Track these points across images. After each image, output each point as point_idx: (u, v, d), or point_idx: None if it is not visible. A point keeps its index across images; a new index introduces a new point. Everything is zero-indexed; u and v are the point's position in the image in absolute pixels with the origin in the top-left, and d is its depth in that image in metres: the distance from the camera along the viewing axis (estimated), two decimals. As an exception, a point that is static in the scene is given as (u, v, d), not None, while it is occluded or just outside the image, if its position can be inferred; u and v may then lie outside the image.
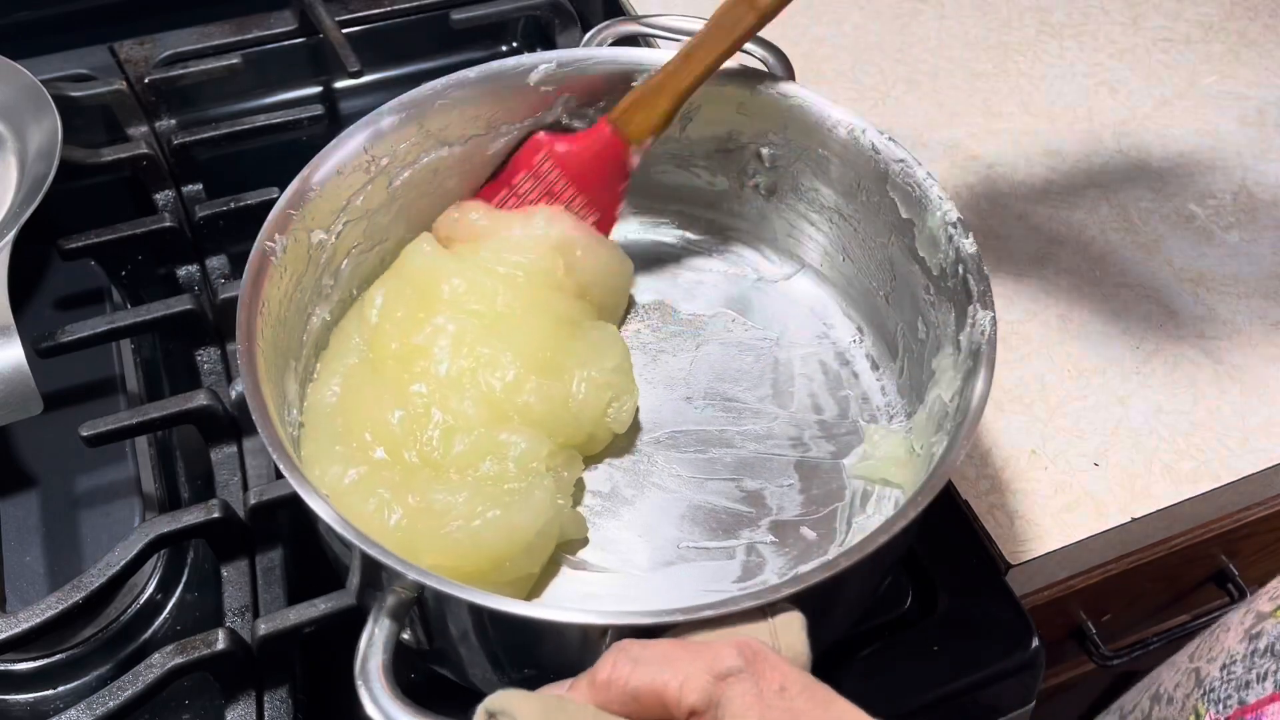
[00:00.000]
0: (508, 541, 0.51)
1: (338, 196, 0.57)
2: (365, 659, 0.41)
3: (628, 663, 0.37)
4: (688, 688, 0.36)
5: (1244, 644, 0.52)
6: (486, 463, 0.53)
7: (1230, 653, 0.53)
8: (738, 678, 0.36)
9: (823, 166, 0.62)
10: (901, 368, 0.61)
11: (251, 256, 0.52)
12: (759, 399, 0.62)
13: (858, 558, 0.43)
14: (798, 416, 0.61)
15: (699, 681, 0.36)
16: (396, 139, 0.59)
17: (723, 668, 0.37)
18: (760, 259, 0.69)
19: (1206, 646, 0.57)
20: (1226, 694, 0.52)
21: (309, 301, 0.57)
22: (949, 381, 0.53)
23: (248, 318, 0.50)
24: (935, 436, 0.54)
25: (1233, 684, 0.52)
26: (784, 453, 0.60)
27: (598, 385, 0.57)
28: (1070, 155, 0.79)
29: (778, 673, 0.37)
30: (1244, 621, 0.54)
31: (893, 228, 0.59)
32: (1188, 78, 0.85)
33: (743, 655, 0.37)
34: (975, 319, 0.52)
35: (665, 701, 0.37)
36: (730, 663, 0.37)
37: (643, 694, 0.37)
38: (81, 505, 0.60)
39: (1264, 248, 0.74)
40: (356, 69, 0.74)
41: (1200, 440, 0.64)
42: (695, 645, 0.38)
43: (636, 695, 0.37)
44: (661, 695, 0.37)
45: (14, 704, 0.53)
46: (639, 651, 0.38)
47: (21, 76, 0.68)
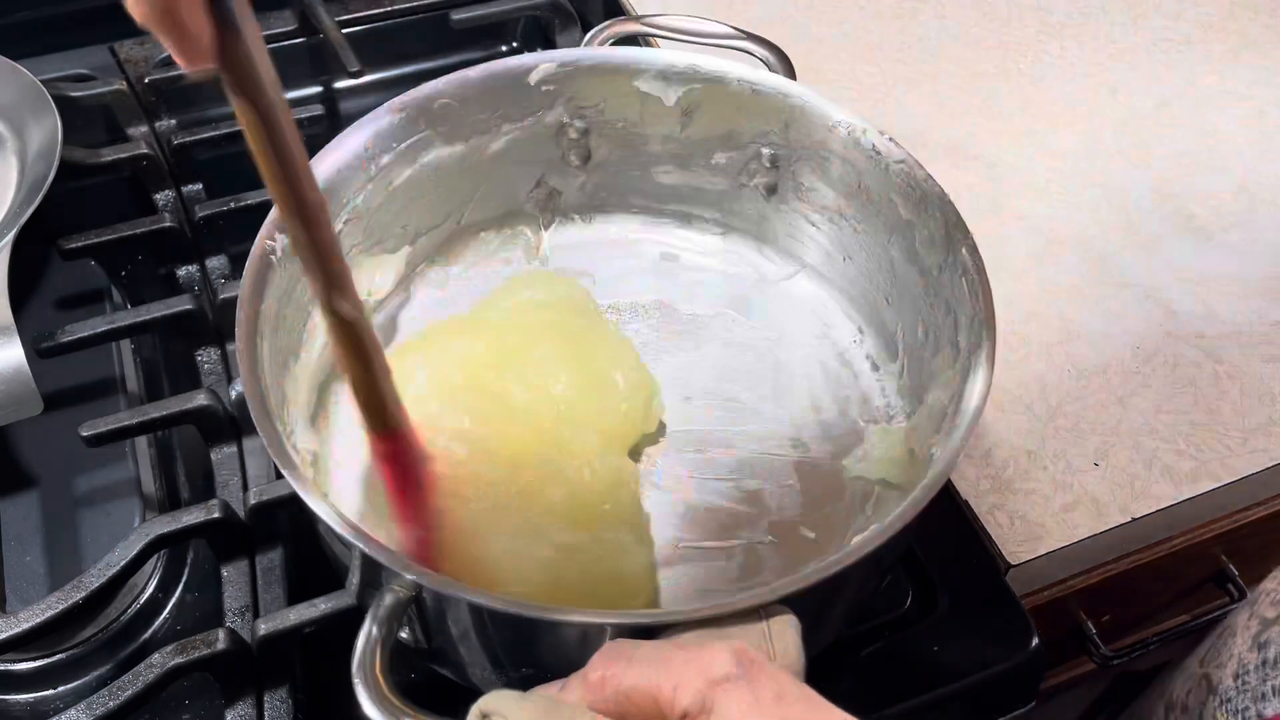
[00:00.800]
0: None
1: (338, 195, 0.57)
2: (362, 658, 0.41)
3: (621, 663, 0.37)
4: (681, 690, 0.36)
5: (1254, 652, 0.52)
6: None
7: (1241, 660, 0.53)
8: (733, 683, 0.36)
9: (824, 167, 0.62)
10: (902, 368, 0.61)
11: (252, 255, 0.52)
12: (759, 399, 0.62)
13: (855, 558, 0.43)
14: (798, 417, 0.61)
15: (693, 684, 0.36)
16: (397, 138, 0.59)
17: (718, 673, 0.36)
18: (761, 259, 0.68)
19: (1215, 651, 0.57)
20: (1244, 704, 0.52)
21: (310, 301, 0.57)
22: (948, 382, 0.53)
23: (248, 316, 0.50)
24: (935, 437, 0.54)
25: (1248, 694, 0.52)
26: (784, 453, 0.60)
27: (633, 384, 0.58)
28: (1070, 155, 0.79)
29: (774, 682, 0.36)
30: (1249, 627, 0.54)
31: (893, 228, 0.59)
32: (1188, 78, 0.85)
33: (739, 661, 0.36)
34: (975, 320, 0.52)
35: (658, 702, 0.36)
36: (726, 668, 0.36)
37: (635, 694, 0.37)
38: (81, 505, 0.60)
39: (1264, 248, 0.74)
40: (356, 69, 0.74)
41: (1200, 440, 0.64)
42: (690, 647, 0.38)
43: (629, 695, 0.37)
44: (654, 696, 0.36)
45: (14, 704, 0.53)
46: (632, 651, 0.38)
47: (21, 76, 0.68)
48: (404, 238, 0.63)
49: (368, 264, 0.61)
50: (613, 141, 0.66)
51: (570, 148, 0.66)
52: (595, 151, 0.66)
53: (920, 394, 0.58)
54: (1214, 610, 0.76)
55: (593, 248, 0.68)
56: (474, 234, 0.67)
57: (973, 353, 0.51)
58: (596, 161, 0.67)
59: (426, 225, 0.64)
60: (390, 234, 0.62)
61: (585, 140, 0.65)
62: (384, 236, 0.61)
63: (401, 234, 0.63)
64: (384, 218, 0.61)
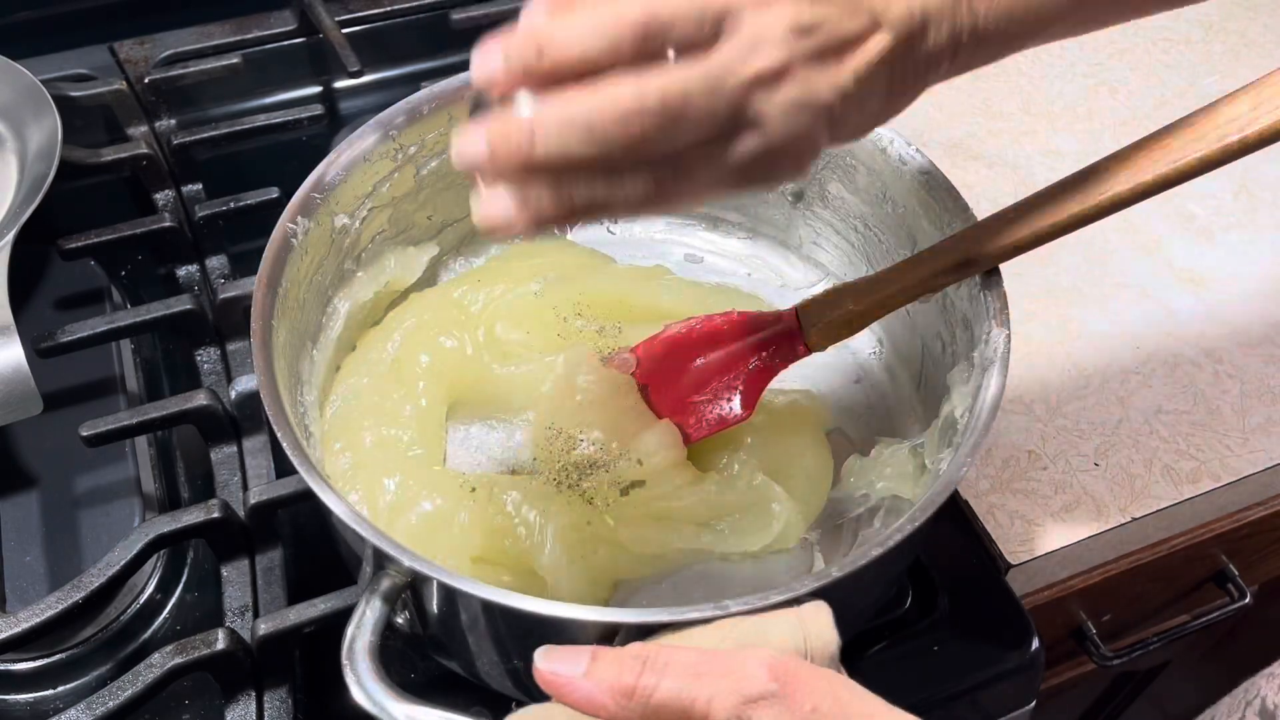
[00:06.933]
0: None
1: (363, 182, 0.57)
2: (353, 640, 0.41)
3: (653, 673, 0.36)
4: (715, 707, 0.35)
5: None
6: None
7: None
8: (768, 702, 0.34)
9: (850, 175, 0.62)
10: (919, 381, 0.61)
11: (273, 237, 0.52)
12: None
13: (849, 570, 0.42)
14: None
15: (728, 701, 0.35)
16: (425, 128, 0.59)
17: (754, 690, 0.35)
18: (785, 265, 0.68)
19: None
20: None
21: (330, 285, 0.57)
22: (961, 397, 0.53)
23: (264, 296, 0.50)
24: (945, 452, 0.53)
25: None
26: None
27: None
28: (1070, 155, 0.79)
29: (810, 694, 0.35)
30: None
31: (916, 239, 0.59)
32: (1188, 78, 0.85)
33: (775, 677, 0.35)
34: (990, 335, 0.51)
35: (690, 718, 0.35)
36: (762, 686, 0.35)
37: (667, 708, 0.35)
38: (81, 505, 0.60)
39: (1264, 248, 0.74)
40: (356, 69, 0.73)
41: (1200, 440, 0.64)
42: (725, 658, 0.36)
43: (660, 709, 0.35)
44: (687, 711, 0.35)
45: (14, 704, 0.53)
46: (667, 658, 0.36)
47: (21, 76, 0.67)
48: (430, 229, 0.63)
49: (395, 255, 0.61)
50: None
51: (599, 145, 0.65)
52: (624, 149, 0.66)
53: (935, 408, 0.57)
54: (1214, 610, 0.76)
55: (618, 247, 0.68)
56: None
57: (984, 369, 0.50)
58: (625, 159, 0.66)
59: (454, 216, 0.64)
60: (417, 224, 0.62)
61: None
62: (409, 225, 0.61)
63: (428, 225, 0.63)
64: (410, 206, 0.61)
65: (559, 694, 0.37)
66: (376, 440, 0.55)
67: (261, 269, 0.51)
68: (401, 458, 0.54)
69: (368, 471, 0.53)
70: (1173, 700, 1.01)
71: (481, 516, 0.52)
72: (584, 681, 0.36)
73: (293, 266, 0.53)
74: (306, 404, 0.54)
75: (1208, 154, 0.44)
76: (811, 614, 0.40)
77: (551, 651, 0.37)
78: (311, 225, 0.54)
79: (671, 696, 0.35)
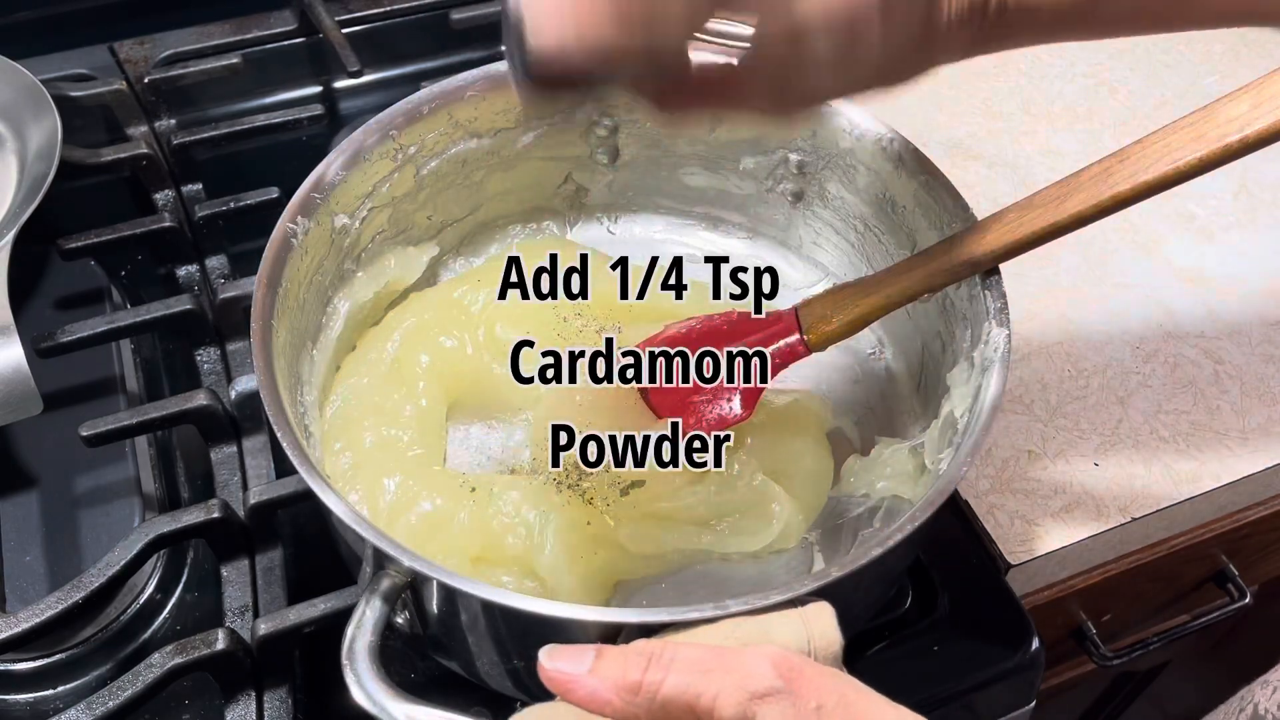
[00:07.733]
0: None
1: (363, 182, 0.57)
2: (353, 640, 0.41)
3: (659, 669, 0.36)
4: (721, 702, 0.35)
5: None
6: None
7: None
8: (775, 698, 0.35)
9: (850, 175, 0.62)
10: (919, 382, 0.61)
11: (273, 237, 0.52)
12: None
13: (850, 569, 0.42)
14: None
15: (734, 697, 0.35)
16: (425, 128, 0.59)
17: (760, 686, 0.35)
18: (785, 266, 0.68)
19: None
20: None
21: (330, 285, 0.57)
22: (961, 397, 0.53)
23: (264, 296, 0.50)
24: (945, 452, 0.53)
25: None
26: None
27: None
28: (1070, 155, 0.79)
29: (816, 691, 0.35)
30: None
31: (916, 239, 0.59)
32: (1188, 78, 0.85)
33: (781, 673, 0.35)
34: (990, 336, 0.51)
35: (695, 712, 0.35)
36: (768, 680, 0.35)
37: (673, 703, 0.35)
38: (81, 505, 0.60)
39: (1264, 248, 0.74)
40: (356, 69, 0.74)
41: (1200, 440, 0.64)
42: (731, 654, 0.36)
43: (666, 703, 0.35)
44: (693, 707, 0.35)
45: (14, 704, 0.53)
46: (673, 654, 0.36)
47: (21, 76, 0.68)
48: (430, 229, 0.63)
49: (395, 255, 0.61)
50: (641, 141, 0.65)
51: (598, 145, 0.66)
52: (623, 150, 0.66)
53: (935, 409, 0.57)
54: (1214, 610, 0.76)
55: (618, 246, 0.68)
56: (500, 228, 0.68)
57: (984, 369, 0.50)
58: (624, 160, 0.67)
59: (454, 216, 0.64)
60: (417, 224, 0.62)
61: (614, 138, 0.65)
62: (409, 225, 0.61)
63: (428, 225, 0.63)
64: (410, 206, 0.61)
65: (564, 692, 0.37)
66: (376, 440, 0.55)
67: (261, 269, 0.51)
68: (401, 458, 0.54)
69: (368, 471, 0.53)
70: (1173, 700, 1.01)
71: (481, 516, 0.52)
72: (589, 679, 0.36)
73: (293, 266, 0.53)
74: (306, 404, 0.54)
75: (1208, 154, 0.44)
76: (815, 614, 0.40)
77: (556, 650, 0.37)
78: (311, 225, 0.54)
79: (677, 692, 0.35)
